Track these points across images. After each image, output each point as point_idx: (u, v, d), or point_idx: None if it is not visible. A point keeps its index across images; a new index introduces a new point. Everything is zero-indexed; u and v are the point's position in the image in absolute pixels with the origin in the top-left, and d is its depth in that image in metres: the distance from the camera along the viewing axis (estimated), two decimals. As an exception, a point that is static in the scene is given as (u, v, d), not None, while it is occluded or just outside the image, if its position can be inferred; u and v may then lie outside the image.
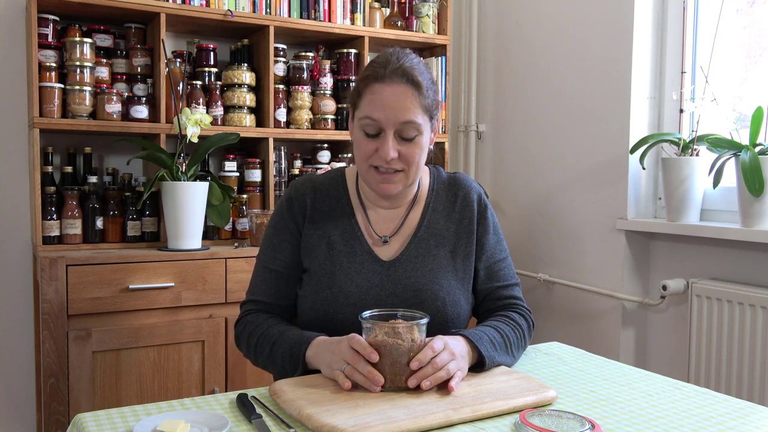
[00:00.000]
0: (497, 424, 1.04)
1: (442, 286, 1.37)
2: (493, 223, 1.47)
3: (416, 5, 2.91)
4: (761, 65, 2.23)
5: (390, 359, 1.13)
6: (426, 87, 1.33)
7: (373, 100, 1.31)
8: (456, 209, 1.45)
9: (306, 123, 2.71)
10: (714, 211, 2.22)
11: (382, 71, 1.31)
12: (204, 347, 2.27)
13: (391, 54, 1.34)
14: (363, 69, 1.40)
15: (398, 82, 1.30)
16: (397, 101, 1.30)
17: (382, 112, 1.30)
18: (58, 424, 2.08)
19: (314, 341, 1.26)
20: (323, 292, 1.36)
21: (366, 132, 1.33)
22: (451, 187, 1.47)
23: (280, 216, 1.45)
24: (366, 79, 1.33)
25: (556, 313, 2.72)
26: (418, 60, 1.37)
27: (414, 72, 1.32)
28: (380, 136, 1.32)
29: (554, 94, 2.70)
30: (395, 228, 1.43)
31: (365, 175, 1.37)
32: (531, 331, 1.43)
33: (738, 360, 1.99)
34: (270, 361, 1.34)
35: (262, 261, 1.45)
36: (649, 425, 1.05)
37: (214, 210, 2.39)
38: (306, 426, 1.02)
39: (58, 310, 2.07)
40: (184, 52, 2.57)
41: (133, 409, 1.10)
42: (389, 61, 1.32)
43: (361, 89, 1.34)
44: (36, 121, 2.24)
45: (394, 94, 1.30)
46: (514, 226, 2.93)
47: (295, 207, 1.43)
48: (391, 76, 1.30)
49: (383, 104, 1.30)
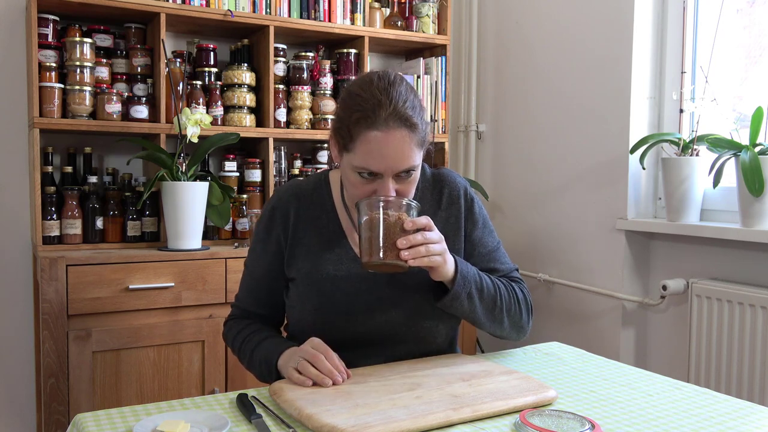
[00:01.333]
0: (497, 424, 1.04)
1: (431, 286, 1.36)
2: (481, 216, 1.45)
3: (416, 5, 2.91)
4: (761, 65, 2.23)
5: (377, 231, 1.18)
6: (420, 124, 1.25)
7: (370, 150, 1.22)
8: (442, 207, 1.43)
9: (306, 123, 2.71)
10: (714, 211, 2.22)
11: (375, 117, 1.21)
12: (204, 347, 2.27)
13: (380, 90, 1.23)
14: (347, 100, 1.27)
15: (394, 128, 1.21)
16: (396, 150, 1.22)
17: (381, 163, 1.23)
18: (58, 424, 2.08)
19: (285, 352, 1.28)
20: (310, 301, 1.36)
21: (362, 175, 1.26)
22: (436, 184, 1.45)
23: (263, 225, 1.43)
24: (358, 123, 1.23)
25: (556, 313, 2.72)
26: (406, 88, 1.26)
27: (408, 113, 1.23)
28: (377, 179, 1.26)
29: (554, 94, 2.70)
30: None
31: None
32: (529, 308, 1.41)
33: (738, 360, 1.99)
34: (250, 366, 1.39)
35: (248, 268, 1.47)
36: (649, 425, 1.05)
37: (214, 210, 2.39)
38: (306, 426, 1.02)
39: (58, 310, 2.07)
40: (184, 52, 2.57)
41: (133, 409, 1.10)
42: (381, 103, 1.22)
43: (353, 133, 1.23)
44: (36, 121, 2.24)
45: (392, 143, 1.22)
46: (514, 226, 2.93)
47: (278, 216, 1.41)
48: (386, 122, 1.21)
49: (381, 155, 1.22)
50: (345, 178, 1.31)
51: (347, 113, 1.25)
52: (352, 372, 1.22)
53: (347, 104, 1.27)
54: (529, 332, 1.43)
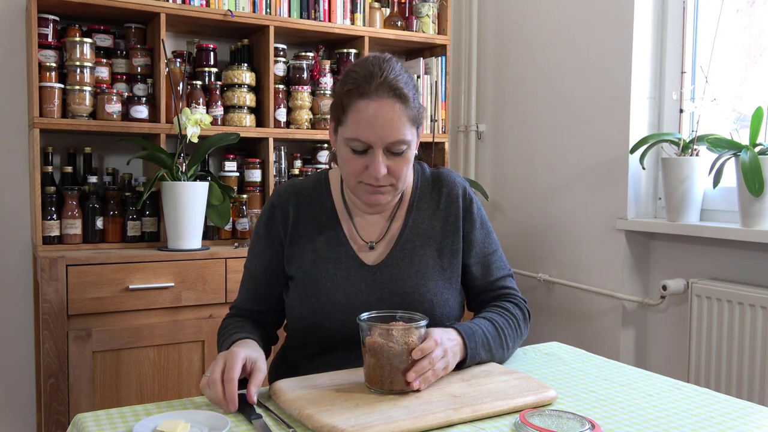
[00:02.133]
0: (497, 424, 1.04)
1: (429, 288, 1.36)
2: (480, 217, 1.45)
3: (416, 5, 2.91)
4: (761, 65, 2.23)
5: (382, 361, 1.12)
6: (412, 98, 1.28)
7: (360, 119, 1.25)
8: (441, 207, 1.43)
9: (306, 123, 2.71)
10: (714, 211, 2.22)
11: (366, 86, 1.25)
12: (204, 347, 2.27)
13: (373, 65, 1.27)
14: (343, 77, 1.30)
15: (384, 97, 1.25)
16: (385, 119, 1.25)
17: (371, 132, 1.25)
18: (58, 424, 2.08)
19: (221, 353, 1.23)
20: (310, 300, 1.35)
21: (353, 149, 1.29)
22: (435, 184, 1.45)
23: (262, 224, 1.43)
24: (349, 93, 1.26)
25: (556, 313, 2.72)
26: (400, 67, 1.30)
27: (399, 84, 1.26)
28: (368, 153, 1.28)
29: (554, 93, 2.70)
30: (381, 232, 1.41)
31: (354, 190, 1.35)
32: (527, 320, 1.42)
33: (738, 360, 1.99)
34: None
35: (248, 267, 1.47)
36: (649, 425, 1.05)
37: (214, 210, 2.39)
38: (306, 426, 1.02)
39: (58, 310, 2.07)
40: (184, 52, 2.57)
41: (133, 409, 1.10)
42: (372, 74, 1.25)
43: (345, 105, 1.28)
44: (36, 121, 2.24)
45: (381, 111, 1.24)
46: (514, 226, 2.93)
47: (278, 215, 1.41)
48: (376, 91, 1.24)
49: (371, 123, 1.25)
50: (340, 159, 1.33)
51: (341, 87, 1.30)
52: (352, 372, 1.22)
53: (342, 80, 1.31)
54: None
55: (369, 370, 1.14)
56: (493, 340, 1.30)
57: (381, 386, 1.13)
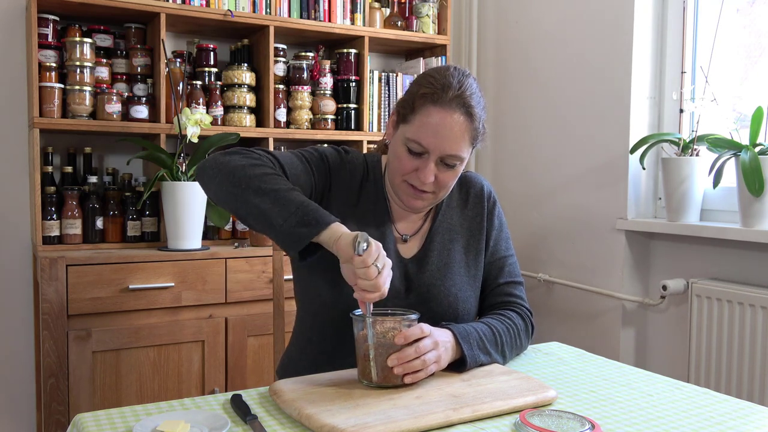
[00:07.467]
0: (497, 424, 1.04)
1: (455, 282, 1.39)
2: (500, 220, 1.50)
3: (416, 5, 2.91)
4: (761, 65, 2.23)
5: (367, 351, 1.14)
6: (479, 118, 1.31)
7: (426, 123, 1.28)
8: (468, 206, 1.47)
9: (306, 123, 2.71)
10: (714, 211, 2.22)
11: (442, 95, 1.28)
12: (204, 347, 2.27)
13: (453, 76, 1.30)
14: (420, 79, 1.34)
15: (455, 110, 1.28)
16: (450, 131, 1.28)
17: (433, 140, 1.28)
18: (58, 424, 2.08)
19: (345, 230, 1.16)
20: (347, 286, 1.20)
21: (410, 149, 1.31)
22: (463, 185, 1.49)
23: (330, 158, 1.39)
24: (424, 97, 1.29)
25: (556, 313, 2.72)
26: (477, 86, 1.33)
27: (472, 102, 1.29)
28: (422, 156, 1.31)
29: (554, 93, 2.70)
30: (414, 226, 1.44)
31: (397, 186, 1.37)
32: (529, 333, 1.42)
33: (738, 360, 1.99)
34: (274, 200, 1.18)
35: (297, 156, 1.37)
36: (649, 425, 1.05)
37: (214, 210, 2.39)
38: (306, 426, 1.02)
39: (58, 310, 2.07)
40: (184, 52, 2.57)
41: (133, 409, 1.10)
42: (450, 85, 1.29)
43: (416, 106, 1.30)
44: (36, 121, 2.24)
45: (447, 122, 1.28)
46: (514, 226, 2.93)
47: (347, 171, 1.40)
48: (450, 103, 1.28)
49: (435, 131, 1.28)
50: (392, 153, 1.35)
51: (417, 87, 1.32)
52: (352, 372, 1.22)
53: (419, 81, 1.33)
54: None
55: (358, 362, 1.17)
56: (489, 343, 1.29)
57: (369, 378, 1.14)
